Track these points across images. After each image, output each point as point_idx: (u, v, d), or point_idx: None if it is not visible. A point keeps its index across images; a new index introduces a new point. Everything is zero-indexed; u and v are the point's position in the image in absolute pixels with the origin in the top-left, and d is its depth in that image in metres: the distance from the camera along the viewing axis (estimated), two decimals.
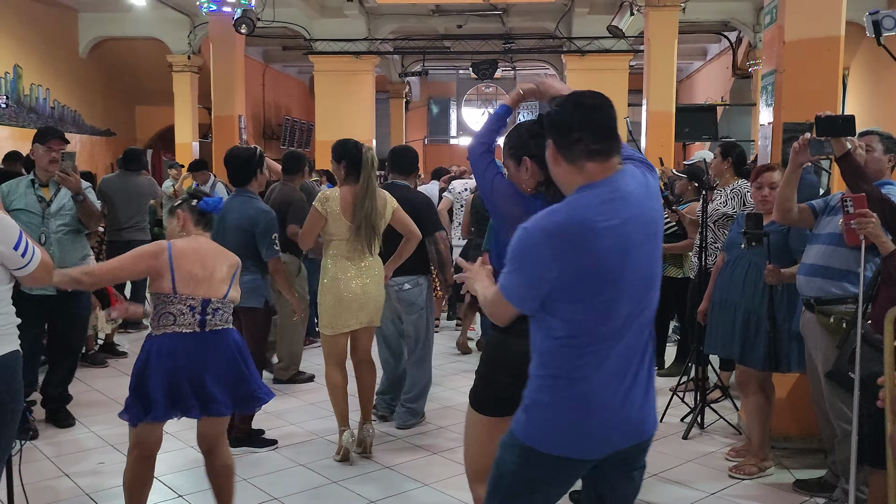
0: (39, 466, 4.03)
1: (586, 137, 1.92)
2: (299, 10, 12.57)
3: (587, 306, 1.90)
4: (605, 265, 1.88)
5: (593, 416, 1.93)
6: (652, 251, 2.00)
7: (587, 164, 1.94)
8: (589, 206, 1.91)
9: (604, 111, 1.96)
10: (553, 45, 14.23)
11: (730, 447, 4.35)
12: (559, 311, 1.92)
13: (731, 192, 5.04)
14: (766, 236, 3.78)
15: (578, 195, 1.94)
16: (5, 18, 11.37)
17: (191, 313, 3.00)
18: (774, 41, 4.50)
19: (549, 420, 1.95)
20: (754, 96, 13.16)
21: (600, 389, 1.92)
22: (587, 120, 1.94)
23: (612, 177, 1.95)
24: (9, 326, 2.42)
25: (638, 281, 1.95)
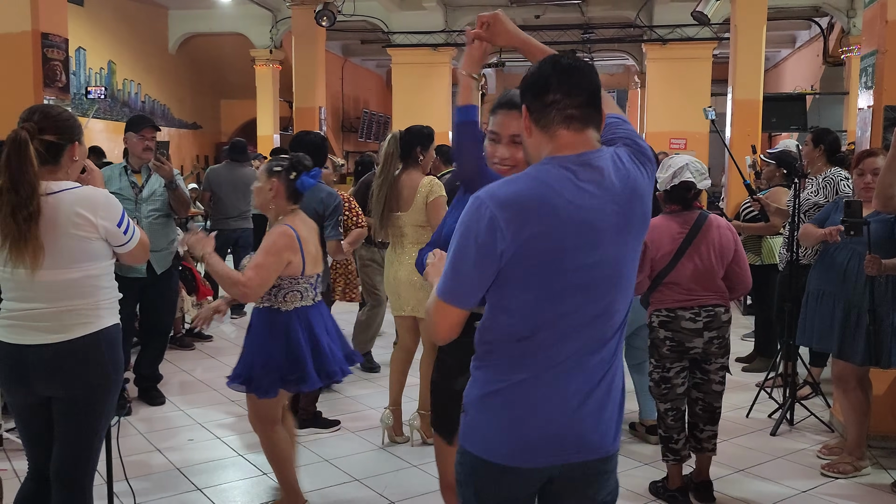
0: (133, 441, 4.21)
1: (563, 100, 1.68)
2: (378, 2, 12.70)
3: (538, 295, 1.66)
4: (561, 249, 1.64)
5: (533, 417, 1.69)
6: (622, 250, 1.72)
7: (560, 130, 1.69)
8: (553, 180, 1.66)
9: (585, 75, 1.71)
10: (633, 35, 13.94)
11: (822, 445, 4.18)
12: (506, 298, 1.68)
13: (824, 181, 4.82)
14: (866, 225, 3.59)
15: (542, 166, 1.70)
16: (101, 16, 11.89)
17: (312, 289, 3.23)
18: (876, 20, 4.28)
19: (485, 421, 1.73)
20: (847, 85, 12.59)
21: (545, 391, 1.69)
22: (565, 81, 1.68)
23: (587, 153, 1.70)
24: (112, 300, 2.53)
25: (601, 279, 1.69)
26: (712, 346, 3.43)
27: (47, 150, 2.38)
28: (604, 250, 1.69)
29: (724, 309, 3.46)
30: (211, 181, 7.44)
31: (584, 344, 1.71)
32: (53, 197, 2.36)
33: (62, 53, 5.44)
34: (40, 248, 2.31)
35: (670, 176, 3.45)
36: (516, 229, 1.62)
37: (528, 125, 1.75)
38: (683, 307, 3.40)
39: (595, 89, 1.72)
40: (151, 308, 4.96)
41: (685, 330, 3.40)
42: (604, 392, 1.75)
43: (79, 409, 2.45)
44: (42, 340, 2.39)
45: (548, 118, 1.70)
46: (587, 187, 1.67)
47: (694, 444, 3.56)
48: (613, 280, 1.72)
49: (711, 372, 3.47)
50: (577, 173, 1.68)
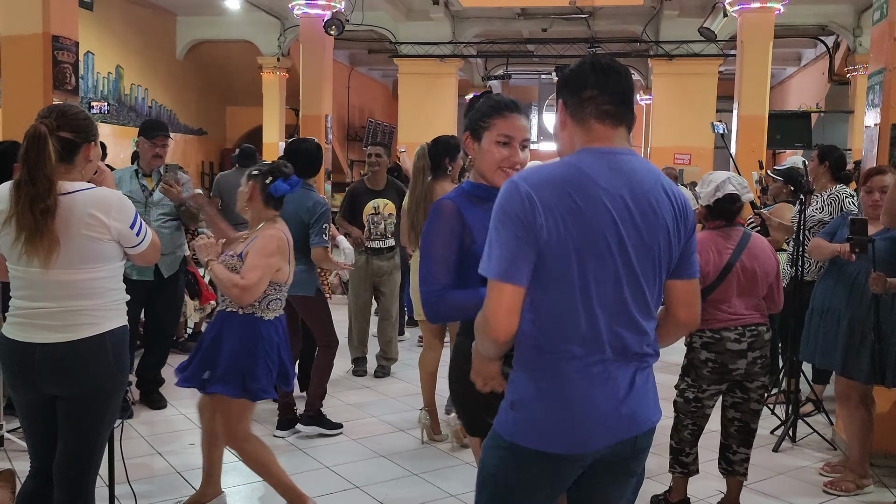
0: (135, 444, 4.20)
1: (599, 97, 1.77)
2: (386, 13, 12.78)
3: (568, 277, 1.71)
4: (594, 229, 1.70)
5: (589, 404, 1.76)
6: (651, 246, 1.77)
7: (595, 124, 1.78)
8: (586, 166, 1.74)
9: (622, 77, 1.80)
10: (640, 50, 14.01)
11: (824, 462, 4.16)
12: (539, 281, 1.72)
13: (829, 198, 4.82)
14: (871, 242, 3.60)
15: (578, 155, 1.78)
16: (109, 21, 11.96)
17: (283, 299, 3.27)
18: (884, 38, 4.30)
19: (531, 413, 1.78)
20: (852, 103, 12.63)
21: (597, 377, 1.76)
22: (602, 80, 1.78)
23: (617, 149, 1.79)
24: (120, 302, 2.54)
25: (629, 267, 1.75)
26: (755, 367, 3.32)
27: (63, 147, 2.40)
28: (625, 237, 1.74)
29: (766, 327, 3.37)
30: (220, 187, 7.44)
31: (621, 331, 1.77)
32: (68, 197, 2.37)
33: (72, 56, 5.48)
34: (55, 243, 2.32)
35: (713, 189, 3.37)
36: (553, 207, 1.68)
37: (564, 118, 1.84)
38: (727, 328, 3.29)
39: (629, 90, 1.82)
40: (157, 312, 4.96)
41: (729, 352, 3.28)
42: (647, 368, 1.85)
43: (83, 409, 2.46)
44: (49, 339, 2.39)
45: (584, 112, 1.79)
46: (621, 178, 1.75)
47: (725, 466, 3.47)
48: (633, 269, 1.76)
49: (752, 391, 3.36)
50: (612, 162, 1.76)
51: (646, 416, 1.85)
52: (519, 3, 12.97)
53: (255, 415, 4.78)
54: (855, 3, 11.82)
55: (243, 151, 7.75)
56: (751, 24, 9.68)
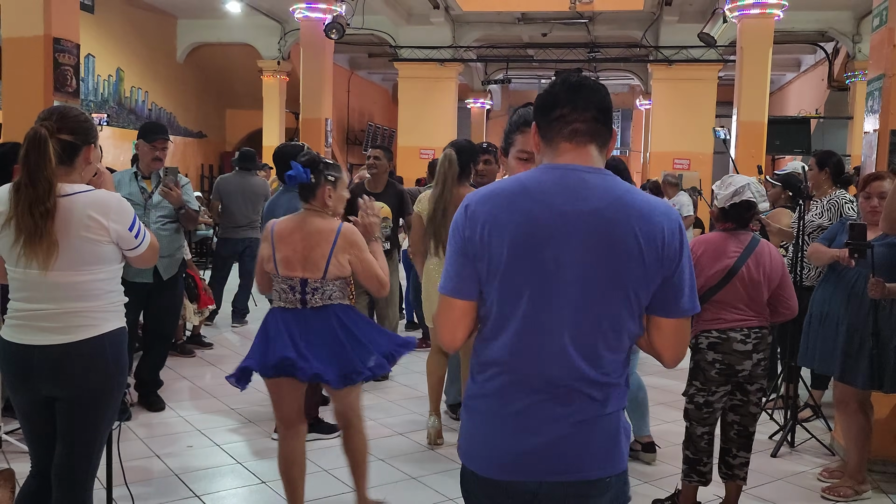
0: (133, 446, 4.20)
1: (569, 114, 1.70)
2: (386, 17, 12.81)
3: (497, 289, 1.67)
4: (514, 243, 1.64)
5: (491, 427, 1.70)
6: (591, 271, 1.63)
7: (562, 143, 1.71)
8: (530, 180, 1.69)
9: (593, 91, 1.72)
10: (639, 55, 14.04)
11: (822, 468, 4.16)
12: (484, 297, 1.71)
13: (828, 203, 4.83)
14: (869, 248, 3.60)
15: (532, 171, 1.73)
16: (110, 24, 11.97)
17: (291, 292, 3.16)
18: (883, 44, 4.31)
19: (462, 426, 1.78)
20: (851, 109, 12.65)
21: (501, 398, 1.69)
22: (573, 97, 1.71)
23: (580, 166, 1.69)
24: (118, 304, 2.54)
25: (558, 286, 1.64)
26: (759, 368, 3.36)
27: (64, 149, 2.40)
28: (567, 257, 1.64)
29: (768, 330, 3.42)
30: (220, 190, 7.46)
31: (555, 356, 1.65)
32: (67, 199, 2.38)
33: (73, 58, 5.49)
34: (54, 246, 2.33)
35: (731, 193, 3.38)
36: (483, 218, 1.67)
37: (537, 141, 1.77)
38: (734, 329, 3.32)
39: (603, 106, 1.73)
40: (156, 314, 4.95)
41: (736, 352, 3.31)
42: (591, 412, 1.67)
43: (82, 410, 2.46)
44: (48, 341, 2.40)
45: (553, 131, 1.72)
46: (563, 193, 1.66)
47: (725, 470, 3.47)
48: (579, 291, 1.64)
49: (751, 393, 3.40)
50: (560, 177, 1.68)
51: (568, 463, 1.67)
52: (519, 7, 13.01)
53: (254, 415, 4.80)
54: (854, 10, 11.85)
55: (243, 155, 7.77)
56: (750, 29, 9.71)
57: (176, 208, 4.71)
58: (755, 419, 3.45)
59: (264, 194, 7.74)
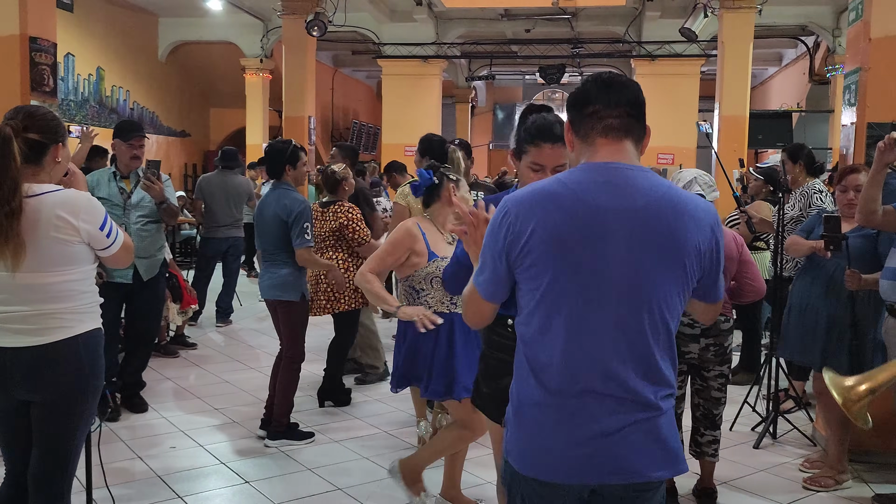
0: (115, 448, 4.17)
1: (602, 110, 1.72)
2: (369, 14, 12.76)
3: (544, 290, 1.67)
4: (564, 242, 1.64)
5: (548, 433, 1.69)
6: (639, 267, 1.65)
7: (598, 139, 1.72)
8: (571, 180, 1.69)
9: (626, 87, 1.75)
10: (622, 50, 14.07)
11: (804, 458, 4.20)
12: (522, 297, 1.73)
13: (800, 195, 4.90)
14: (844, 240, 3.64)
15: (572, 171, 1.73)
16: (90, 23, 11.87)
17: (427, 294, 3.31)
18: (859, 38, 4.34)
19: (513, 431, 1.76)
20: (832, 103, 12.74)
21: (555, 404, 1.68)
22: (605, 93, 1.73)
23: (617, 164, 1.70)
24: (93, 304, 2.51)
25: (609, 285, 1.65)
26: (708, 353, 3.49)
27: (31, 148, 2.37)
28: (614, 256, 1.65)
29: (725, 318, 3.48)
30: (203, 189, 7.41)
31: (607, 356, 1.66)
32: (35, 199, 2.35)
33: (50, 58, 5.42)
34: (21, 246, 2.29)
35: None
36: (524, 220, 1.67)
37: (571, 138, 1.80)
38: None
39: (636, 102, 1.76)
40: (138, 315, 4.90)
41: (681, 335, 3.42)
42: (645, 416, 1.68)
43: (57, 414, 2.43)
44: (20, 343, 2.36)
45: (587, 128, 1.75)
46: (607, 189, 1.67)
47: (694, 448, 3.63)
48: (626, 291, 1.66)
49: (710, 379, 3.55)
50: (601, 175, 1.69)
51: (648, 464, 1.69)
52: (502, 3, 13.00)
53: (238, 416, 4.77)
54: (834, 4, 11.93)
55: (225, 153, 7.74)
56: (731, 24, 9.75)
57: (157, 203, 4.66)
58: (719, 402, 3.59)
59: (247, 193, 7.70)
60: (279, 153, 4.39)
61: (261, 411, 4.57)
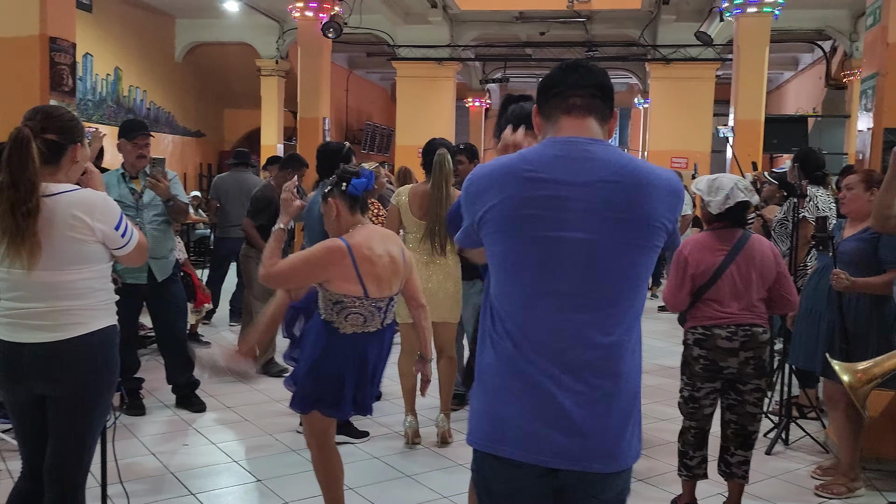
0: (128, 444, 4.21)
1: (566, 90, 1.77)
2: (384, 16, 12.80)
3: (500, 265, 1.73)
4: (520, 216, 1.68)
5: (504, 407, 1.69)
6: (602, 239, 1.66)
7: (561, 117, 1.76)
8: (532, 154, 1.73)
9: (591, 71, 1.79)
10: (637, 53, 14.04)
11: (816, 465, 4.17)
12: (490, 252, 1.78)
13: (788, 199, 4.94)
14: (830, 239, 3.70)
15: (534, 146, 1.78)
16: (108, 24, 11.97)
17: (379, 313, 2.97)
18: (877, 43, 4.33)
19: (473, 407, 1.78)
20: (848, 108, 12.66)
21: (513, 376, 1.68)
22: (569, 75, 1.79)
23: (576, 138, 1.73)
24: (108, 302, 2.54)
25: (568, 257, 1.66)
26: (748, 367, 3.29)
27: (49, 149, 2.41)
28: (573, 229, 1.67)
29: (763, 329, 3.32)
30: (218, 189, 7.49)
31: (567, 328, 1.67)
32: (51, 199, 2.38)
33: (69, 58, 5.49)
34: (37, 246, 2.33)
35: (723, 199, 3.34)
36: (484, 191, 1.75)
37: (537, 121, 1.85)
38: (719, 325, 3.28)
39: (601, 84, 1.79)
40: (160, 316, 4.87)
41: (720, 349, 3.28)
42: (600, 396, 1.67)
43: (72, 408, 2.46)
44: (38, 339, 2.40)
45: (551, 107, 1.79)
46: (567, 165, 1.70)
47: (724, 468, 3.43)
48: (586, 264, 1.67)
49: (746, 393, 3.33)
50: (562, 150, 1.72)
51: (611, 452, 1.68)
52: (517, 6, 13.00)
53: (250, 414, 4.80)
54: (851, 9, 11.85)
55: (237, 154, 7.84)
56: (747, 28, 9.71)
57: (164, 200, 4.67)
58: (754, 419, 3.37)
59: None
60: (334, 153, 4.48)
61: (273, 409, 4.60)
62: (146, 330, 6.13)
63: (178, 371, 4.93)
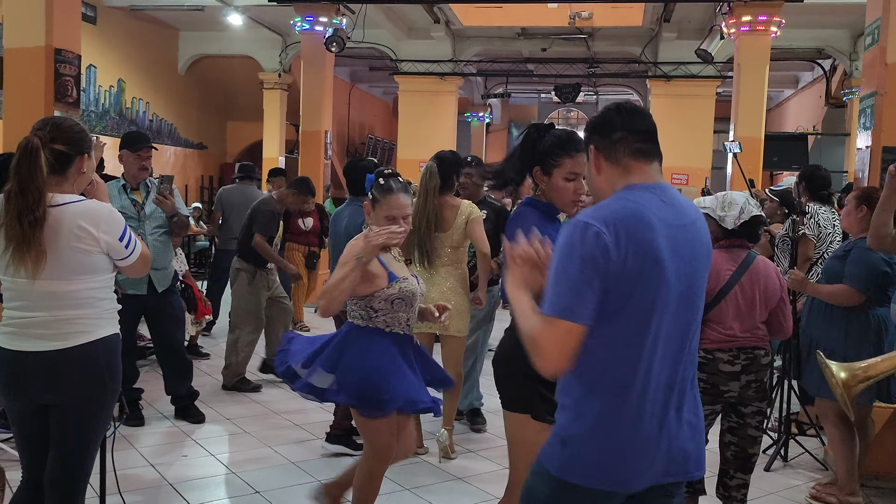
0: (127, 455, 4.20)
1: (630, 136, 1.88)
2: (387, 30, 12.88)
3: (634, 309, 1.75)
4: (655, 259, 1.75)
5: (632, 445, 1.80)
6: (699, 276, 1.87)
7: (631, 162, 1.87)
8: (642, 200, 1.81)
9: (646, 116, 1.93)
10: (638, 70, 14.12)
11: (815, 482, 4.17)
12: (603, 316, 1.74)
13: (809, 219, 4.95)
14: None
15: (627, 191, 1.84)
16: (112, 36, 12.05)
17: (404, 305, 3.04)
18: (876, 62, 4.37)
19: (586, 451, 1.81)
20: (848, 126, 12.71)
21: (639, 415, 1.79)
22: (630, 120, 1.90)
23: (661, 184, 1.88)
24: (111, 311, 2.56)
25: (683, 297, 1.82)
26: (749, 390, 3.20)
27: (57, 159, 2.43)
28: (687, 273, 1.82)
29: (765, 352, 3.24)
30: (223, 201, 7.52)
31: (669, 366, 1.82)
32: (57, 209, 2.40)
33: (74, 69, 5.54)
34: (42, 255, 2.35)
35: (737, 213, 3.28)
36: (620, 243, 1.72)
37: (598, 163, 1.92)
38: (721, 349, 3.19)
39: (653, 128, 1.93)
40: (159, 327, 4.88)
41: (722, 373, 3.18)
42: (692, 415, 1.89)
43: (75, 417, 2.47)
44: (41, 347, 2.42)
45: (617, 153, 1.88)
46: (670, 209, 1.83)
47: (722, 491, 3.33)
48: (692, 302, 1.86)
49: (747, 416, 3.24)
50: (660, 195, 1.85)
51: (699, 463, 1.91)
52: (519, 22, 13.09)
53: (248, 425, 4.80)
54: (851, 28, 11.93)
55: (242, 167, 7.91)
56: (748, 46, 9.76)
57: (168, 216, 4.70)
58: (755, 442, 3.27)
59: None
60: (364, 170, 4.48)
61: (272, 422, 4.60)
62: (146, 341, 6.14)
63: (176, 381, 4.93)
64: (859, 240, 3.75)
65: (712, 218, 3.28)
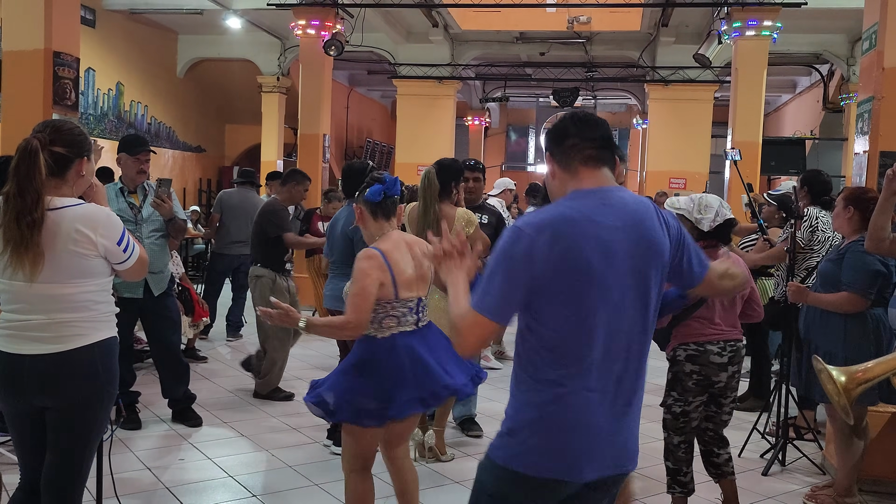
0: (124, 459, 4.19)
1: (580, 143, 1.96)
2: (386, 34, 12.91)
3: (568, 309, 1.85)
4: (587, 262, 1.84)
5: (579, 435, 1.86)
6: (647, 274, 1.92)
7: (580, 168, 1.97)
8: (581, 205, 1.91)
9: (598, 125, 2.00)
10: (636, 74, 14.15)
11: (812, 487, 4.17)
12: (541, 314, 1.86)
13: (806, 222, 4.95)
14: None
15: (570, 196, 1.95)
16: (111, 39, 12.06)
17: (411, 314, 2.99)
18: (873, 67, 4.38)
19: (530, 440, 1.88)
20: (846, 131, 12.75)
21: (585, 406, 1.87)
22: (582, 128, 1.98)
23: (606, 187, 1.97)
24: (109, 314, 2.56)
25: (626, 297, 1.89)
26: (733, 381, 3.48)
27: (56, 161, 2.43)
28: (630, 273, 1.89)
29: (743, 343, 3.55)
30: (223, 204, 7.51)
31: (616, 363, 1.90)
32: (56, 213, 2.40)
33: (73, 72, 5.54)
34: (40, 256, 2.34)
35: (713, 216, 3.45)
36: (551, 246, 1.83)
37: (553, 168, 2.02)
38: (711, 341, 3.42)
39: (607, 136, 2.01)
40: (155, 330, 4.86)
41: (713, 364, 3.41)
42: (637, 412, 1.98)
43: (72, 419, 2.47)
44: (38, 350, 2.41)
45: (568, 158, 1.98)
46: (609, 211, 1.90)
47: (713, 471, 3.61)
48: (640, 303, 1.92)
49: (725, 405, 3.54)
50: (600, 200, 1.93)
51: (633, 457, 1.99)
52: (517, 26, 13.12)
53: (245, 429, 4.79)
54: (848, 33, 11.97)
55: (243, 172, 7.94)
56: (746, 51, 9.79)
57: (166, 220, 4.69)
58: (726, 424, 3.60)
59: None
60: (359, 173, 4.48)
61: (269, 425, 4.60)
62: (143, 344, 6.13)
63: (173, 385, 4.92)
64: (853, 243, 3.77)
65: (688, 220, 3.47)
